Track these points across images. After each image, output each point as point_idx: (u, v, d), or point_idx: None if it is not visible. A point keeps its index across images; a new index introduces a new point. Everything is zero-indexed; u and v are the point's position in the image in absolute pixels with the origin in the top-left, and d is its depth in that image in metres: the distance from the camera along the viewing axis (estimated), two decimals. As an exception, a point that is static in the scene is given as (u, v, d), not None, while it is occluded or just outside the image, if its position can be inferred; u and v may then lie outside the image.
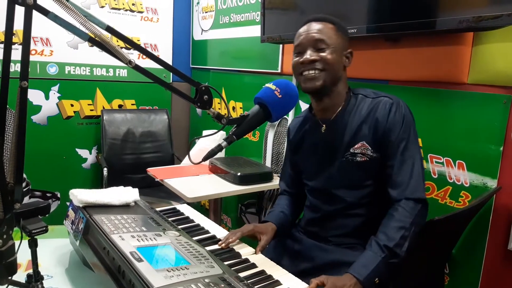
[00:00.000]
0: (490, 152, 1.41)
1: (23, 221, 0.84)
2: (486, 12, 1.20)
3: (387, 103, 1.17)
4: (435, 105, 1.57)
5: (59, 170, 3.00)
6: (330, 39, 1.18)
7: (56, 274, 1.06)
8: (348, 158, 1.20)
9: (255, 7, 2.53)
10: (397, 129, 1.15)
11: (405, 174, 1.13)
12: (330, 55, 1.17)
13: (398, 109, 1.16)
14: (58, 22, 0.72)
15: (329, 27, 1.19)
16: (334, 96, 1.23)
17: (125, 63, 0.79)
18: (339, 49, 1.19)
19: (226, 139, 0.99)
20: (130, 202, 1.21)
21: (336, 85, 1.21)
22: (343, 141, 1.21)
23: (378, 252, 1.06)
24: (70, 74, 2.96)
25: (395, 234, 1.07)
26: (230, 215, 2.94)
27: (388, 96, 1.20)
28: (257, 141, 2.66)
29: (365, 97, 1.22)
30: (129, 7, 3.11)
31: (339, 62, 1.20)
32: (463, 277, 1.51)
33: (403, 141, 1.15)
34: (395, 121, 1.15)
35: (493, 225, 1.42)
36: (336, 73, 1.20)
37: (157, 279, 0.78)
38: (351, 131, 1.20)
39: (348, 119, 1.21)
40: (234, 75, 2.87)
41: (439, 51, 1.53)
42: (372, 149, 1.17)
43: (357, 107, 1.21)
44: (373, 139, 1.17)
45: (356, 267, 1.05)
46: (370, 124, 1.18)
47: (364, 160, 1.18)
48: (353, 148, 1.19)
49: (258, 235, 1.23)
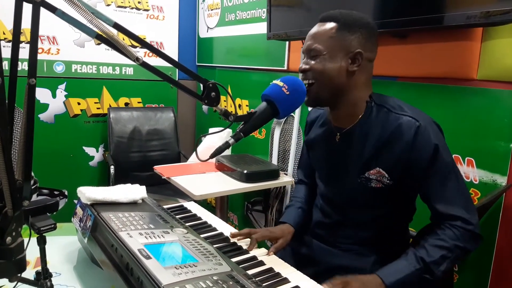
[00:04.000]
0: (500, 149, 1.39)
1: (31, 219, 0.84)
2: (495, 7, 1.18)
3: (413, 126, 1.02)
4: (444, 101, 1.55)
5: (67, 168, 3.01)
6: (323, 44, 1.06)
7: (64, 271, 1.07)
8: (362, 181, 1.11)
9: (261, 4, 2.52)
10: (426, 160, 1.02)
11: (453, 202, 1.03)
12: (319, 64, 1.07)
13: (426, 135, 1.02)
14: (66, 19, 0.71)
15: (328, 29, 1.07)
16: (348, 105, 1.11)
17: (132, 60, 0.79)
18: (337, 53, 1.06)
19: (234, 136, 0.98)
20: (137, 200, 1.21)
21: (344, 94, 1.09)
22: (359, 161, 1.10)
23: (413, 262, 1.01)
24: (76, 72, 2.97)
25: (435, 252, 1.01)
26: (237, 212, 2.94)
27: (415, 116, 1.04)
28: (264, 139, 2.65)
29: (389, 111, 1.07)
30: (135, 5, 3.12)
31: (336, 69, 1.06)
32: (472, 275, 1.50)
33: (437, 171, 1.03)
34: (424, 151, 1.02)
35: (503, 223, 1.40)
36: (333, 82, 1.07)
37: (165, 276, 0.77)
38: (368, 152, 1.08)
39: (366, 133, 1.09)
40: (240, 73, 2.86)
41: (448, 47, 1.51)
42: (389, 177, 1.07)
43: (378, 121, 1.08)
44: (392, 167, 1.06)
45: (386, 271, 1.01)
46: (390, 151, 1.05)
47: (379, 187, 1.09)
48: (368, 173, 1.09)
49: (273, 240, 1.21)
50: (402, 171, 1.06)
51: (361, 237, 1.18)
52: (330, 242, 1.24)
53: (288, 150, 2.39)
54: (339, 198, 1.21)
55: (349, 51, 1.06)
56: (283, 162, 2.46)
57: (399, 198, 1.13)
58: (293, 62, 2.33)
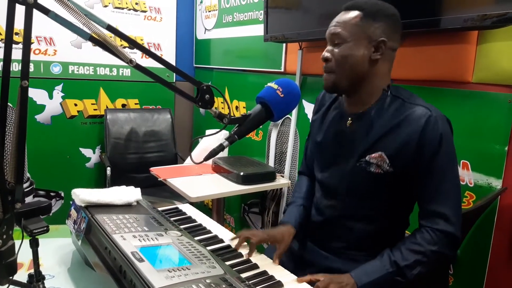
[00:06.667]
0: (495, 151, 1.39)
1: (24, 221, 0.84)
2: (491, 10, 1.19)
3: (423, 116, 1.03)
4: (439, 104, 1.54)
5: (63, 169, 3.00)
6: (347, 31, 1.07)
7: (58, 274, 1.06)
8: (362, 165, 1.10)
9: (258, 6, 2.52)
10: (431, 149, 1.03)
11: (442, 199, 1.04)
12: (343, 52, 1.07)
13: (436, 125, 1.03)
14: (59, 21, 0.71)
15: (352, 17, 1.07)
16: (365, 92, 1.12)
17: (126, 62, 0.79)
18: (361, 40, 1.06)
19: (228, 139, 0.98)
20: (132, 202, 1.21)
21: (363, 82, 1.10)
22: (363, 142, 1.11)
23: (386, 265, 1.03)
24: (73, 73, 2.96)
25: (410, 256, 1.02)
26: (233, 214, 2.94)
27: (427, 106, 1.06)
28: (260, 141, 2.65)
29: (404, 101, 1.09)
30: (132, 6, 3.11)
31: (359, 57, 1.07)
32: (468, 278, 1.50)
33: (438, 162, 1.04)
34: (431, 139, 1.03)
35: (498, 226, 1.40)
36: (355, 70, 1.08)
37: (158, 279, 0.77)
38: (374, 135, 1.09)
39: (376, 118, 1.10)
40: (237, 74, 2.86)
41: (443, 50, 1.51)
42: (389, 163, 1.07)
43: (390, 109, 1.09)
44: (395, 153, 1.06)
45: (358, 272, 1.03)
46: (397, 136, 1.06)
47: (378, 172, 1.08)
48: (369, 156, 1.09)
49: (273, 243, 1.19)
50: (407, 159, 1.05)
51: (353, 238, 1.17)
52: (325, 245, 1.23)
53: (285, 152, 2.39)
54: (337, 183, 1.18)
55: (373, 39, 1.07)
56: (280, 164, 2.45)
57: (395, 192, 1.11)
58: (290, 64, 2.33)
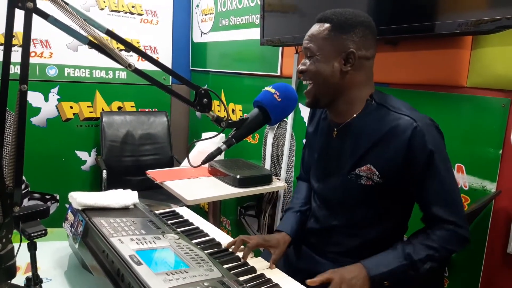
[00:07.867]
0: (489, 155, 1.41)
1: (22, 224, 0.84)
2: (485, 15, 1.20)
3: (410, 127, 1.01)
4: (434, 108, 1.57)
5: (58, 172, 2.99)
6: (317, 45, 1.07)
7: (55, 277, 1.06)
8: (352, 178, 1.11)
9: (254, 9, 2.53)
10: (422, 161, 1.02)
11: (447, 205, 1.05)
12: (314, 65, 1.08)
13: (422, 138, 1.01)
14: (58, 25, 0.72)
15: (321, 30, 1.08)
16: (346, 103, 1.11)
17: (124, 66, 0.79)
18: (330, 53, 1.07)
19: (225, 142, 0.99)
20: (129, 205, 1.21)
21: (340, 93, 1.10)
22: (351, 157, 1.11)
23: (400, 257, 1.02)
24: (69, 76, 2.96)
25: (422, 250, 1.03)
26: (230, 217, 2.94)
27: (414, 117, 1.03)
28: (257, 144, 2.66)
29: (389, 110, 1.07)
30: (128, 9, 3.12)
31: (330, 70, 1.07)
32: (463, 280, 1.51)
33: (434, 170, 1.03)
34: (419, 152, 1.02)
35: (492, 229, 1.42)
36: (328, 82, 1.08)
37: (156, 282, 0.77)
38: (361, 147, 1.09)
39: (361, 130, 1.10)
40: (234, 78, 2.87)
41: (438, 54, 1.53)
42: (379, 175, 1.07)
43: (375, 119, 1.08)
44: (384, 166, 1.06)
45: (371, 263, 1.02)
46: (384, 149, 1.05)
47: (368, 184, 1.09)
48: (359, 169, 1.09)
49: (268, 249, 1.20)
50: (397, 171, 1.05)
51: (350, 245, 1.17)
52: (320, 251, 1.23)
53: (281, 155, 2.40)
54: (330, 195, 1.20)
55: (342, 51, 1.06)
56: (276, 167, 2.46)
57: (389, 200, 1.11)
58: (286, 68, 2.34)
